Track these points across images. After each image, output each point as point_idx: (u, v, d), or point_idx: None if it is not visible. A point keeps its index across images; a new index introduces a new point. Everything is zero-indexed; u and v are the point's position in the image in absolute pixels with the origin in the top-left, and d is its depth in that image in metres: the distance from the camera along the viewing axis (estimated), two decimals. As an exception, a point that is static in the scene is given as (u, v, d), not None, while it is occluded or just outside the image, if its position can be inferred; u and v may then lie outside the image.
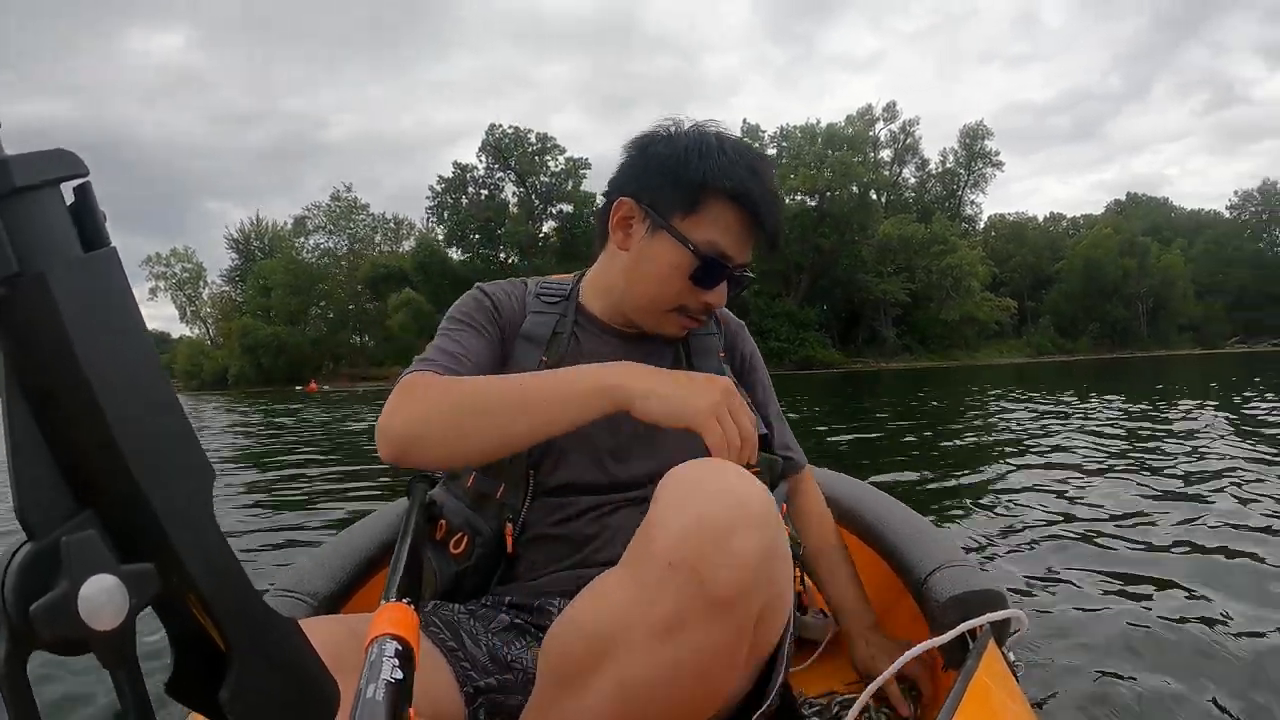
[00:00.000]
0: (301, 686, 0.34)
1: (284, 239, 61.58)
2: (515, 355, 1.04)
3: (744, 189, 0.97)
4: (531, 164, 51.23)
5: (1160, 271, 53.35)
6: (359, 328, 56.29)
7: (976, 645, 0.90)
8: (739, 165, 0.97)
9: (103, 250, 0.29)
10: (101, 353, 0.28)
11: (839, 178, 46.14)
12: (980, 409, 9.79)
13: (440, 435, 0.84)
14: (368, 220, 61.03)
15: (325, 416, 12.99)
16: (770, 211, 0.99)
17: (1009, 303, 50.44)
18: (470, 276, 48.19)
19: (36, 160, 0.28)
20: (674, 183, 0.98)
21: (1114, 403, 9.35)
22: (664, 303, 1.02)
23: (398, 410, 0.86)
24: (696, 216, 0.98)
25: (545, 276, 1.17)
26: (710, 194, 0.97)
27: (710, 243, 0.98)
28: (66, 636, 0.27)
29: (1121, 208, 68.90)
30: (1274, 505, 3.19)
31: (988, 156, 54.59)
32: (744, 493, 0.67)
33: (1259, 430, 5.78)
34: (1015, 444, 5.79)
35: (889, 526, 1.29)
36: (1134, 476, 4.03)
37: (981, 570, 1.08)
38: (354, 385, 46.48)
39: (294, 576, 1.10)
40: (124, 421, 0.29)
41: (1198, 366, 23.92)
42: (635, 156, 1.04)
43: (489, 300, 1.07)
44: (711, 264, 0.98)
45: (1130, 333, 53.91)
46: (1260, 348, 50.00)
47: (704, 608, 0.64)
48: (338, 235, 59.83)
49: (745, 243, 1.01)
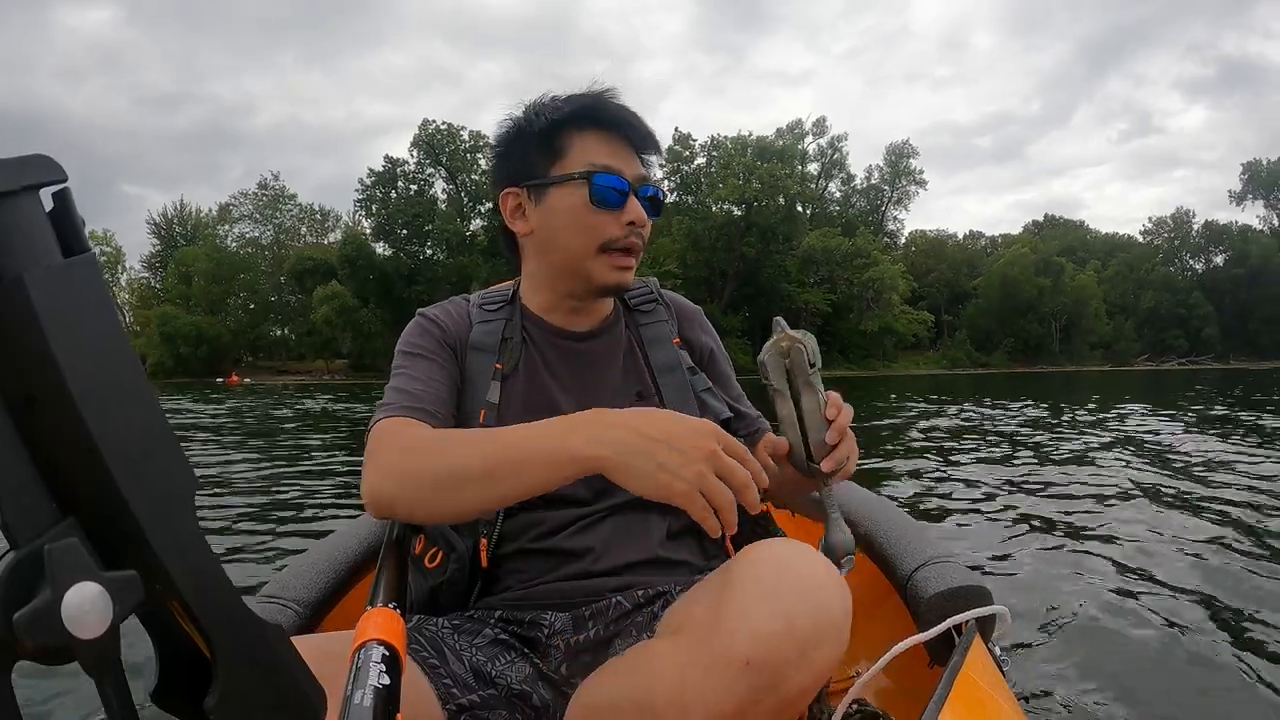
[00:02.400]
0: (287, 693, 0.34)
1: (208, 226, 60.06)
2: (469, 368, 1.03)
3: (588, 109, 0.97)
4: (463, 161, 50.92)
5: (1074, 291, 55.38)
6: (281, 320, 55.18)
7: (962, 641, 0.89)
8: (578, 98, 0.99)
9: (82, 255, 0.29)
10: (81, 358, 0.28)
11: (767, 189, 46.91)
12: (906, 415, 10.41)
13: (418, 503, 0.83)
14: (294, 211, 60.10)
15: (260, 412, 12.95)
16: (625, 115, 0.99)
17: (927, 316, 51.93)
18: (396, 272, 48.30)
19: (15, 165, 0.28)
20: (531, 146, 0.99)
21: (1044, 406, 10.40)
22: (584, 247, 0.98)
23: (372, 472, 0.85)
24: (566, 158, 0.97)
25: (486, 289, 1.15)
26: (564, 132, 0.98)
27: (590, 164, 0.96)
28: (50, 645, 0.27)
29: (1039, 228, 71.37)
30: (1243, 499, 3.55)
31: (912, 175, 56.42)
32: (829, 598, 0.67)
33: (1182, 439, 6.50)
34: (946, 448, 6.27)
35: (874, 524, 1.27)
36: (1083, 476, 4.52)
37: (966, 567, 1.07)
38: (276, 378, 45.65)
39: (279, 582, 1.10)
40: (105, 427, 0.28)
41: (1106, 381, 25.42)
42: (493, 155, 1.06)
43: (432, 324, 1.05)
44: (603, 179, 0.96)
45: (1043, 348, 55.80)
46: (1167, 366, 52.31)
47: (772, 704, 0.64)
48: (263, 225, 58.74)
49: (625, 157, 0.99)
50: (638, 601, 0.91)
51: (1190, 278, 63.18)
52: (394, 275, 48.61)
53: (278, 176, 62.02)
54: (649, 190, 1.00)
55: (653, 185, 1.01)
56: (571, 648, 0.89)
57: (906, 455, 5.94)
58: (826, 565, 0.70)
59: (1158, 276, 61.70)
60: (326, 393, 23.31)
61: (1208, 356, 56.43)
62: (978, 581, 1.01)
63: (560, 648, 0.89)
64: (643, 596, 0.92)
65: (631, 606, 0.91)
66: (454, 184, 51.42)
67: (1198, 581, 2.41)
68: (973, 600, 0.97)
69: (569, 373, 1.04)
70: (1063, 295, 55.11)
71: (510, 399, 1.00)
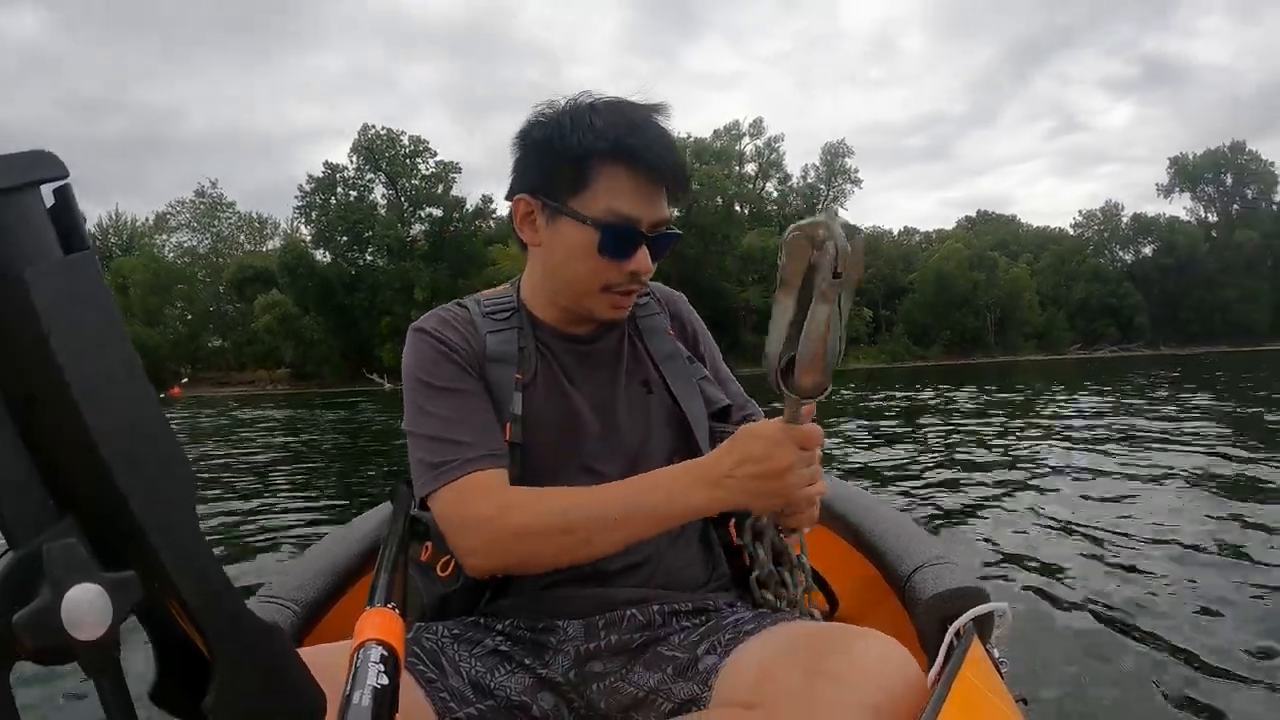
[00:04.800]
0: (286, 693, 0.34)
1: (144, 236, 59.07)
2: (490, 380, 1.00)
3: (624, 146, 0.92)
4: (402, 167, 50.77)
5: (1008, 283, 56.96)
6: (220, 330, 54.53)
7: (961, 642, 0.90)
8: (615, 123, 0.93)
9: (82, 253, 0.29)
10: (81, 356, 0.28)
11: (705, 190, 47.64)
12: (857, 405, 10.87)
13: (536, 563, 0.88)
14: (233, 219, 59.34)
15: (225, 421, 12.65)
16: (661, 157, 0.93)
17: (865, 312, 53.08)
18: (338, 279, 48.04)
19: (16, 162, 0.28)
20: (556, 164, 0.94)
21: (996, 396, 11.04)
22: (585, 286, 0.97)
23: (469, 536, 0.88)
24: (589, 190, 0.93)
25: (480, 293, 1.13)
26: (593, 162, 0.92)
27: (609, 210, 0.92)
28: (49, 646, 0.26)
29: (972, 223, 72.88)
30: (1234, 502, 3.57)
31: (848, 174, 57.54)
32: (911, 696, 0.72)
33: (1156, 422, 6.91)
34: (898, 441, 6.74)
35: (872, 526, 1.28)
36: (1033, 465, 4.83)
37: (965, 568, 1.08)
38: (218, 389, 45.15)
39: (278, 582, 1.09)
40: (104, 425, 0.28)
41: (1041, 370, 25.99)
42: (519, 150, 1.00)
43: (444, 346, 1.00)
44: (617, 232, 0.93)
45: (979, 340, 57.29)
46: (1100, 354, 54.04)
47: None
48: (201, 233, 57.91)
49: (650, 199, 0.94)
50: (651, 617, 0.93)
51: (1120, 268, 65.17)
52: (335, 282, 48.36)
53: (215, 184, 60.97)
54: (664, 235, 0.97)
55: (670, 227, 0.98)
56: (581, 655, 0.90)
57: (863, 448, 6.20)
58: (908, 659, 0.75)
59: (1088, 268, 63.59)
60: (287, 406, 22.83)
61: (1139, 344, 58.27)
62: (976, 582, 1.01)
63: (570, 654, 0.90)
64: (657, 612, 0.93)
65: (645, 620, 0.93)
66: (394, 189, 51.23)
67: (1194, 574, 2.43)
68: (971, 601, 0.97)
69: (582, 375, 1.04)
70: (996, 288, 56.62)
71: (533, 410, 0.99)
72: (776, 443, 0.81)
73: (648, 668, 0.89)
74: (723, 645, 0.85)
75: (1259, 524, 3.10)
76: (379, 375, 43.39)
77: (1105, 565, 2.63)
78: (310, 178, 50.82)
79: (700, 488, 0.84)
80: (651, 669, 0.88)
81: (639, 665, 0.89)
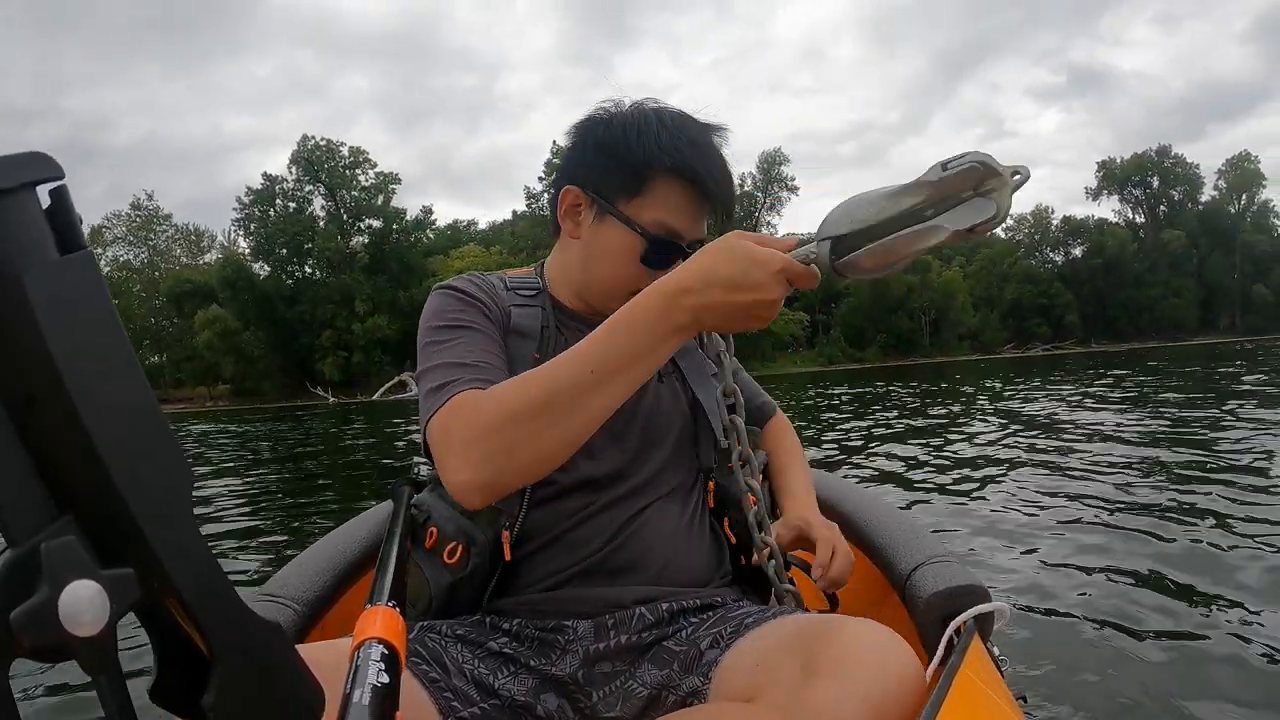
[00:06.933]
0: (285, 692, 0.34)
1: (79, 250, 57.74)
2: (510, 350, 0.99)
3: (686, 164, 0.95)
4: (342, 178, 50.59)
5: (941, 286, 58.63)
6: (157, 346, 53.81)
7: (961, 640, 0.89)
8: (680, 140, 0.95)
9: (79, 253, 0.29)
10: (78, 356, 0.28)
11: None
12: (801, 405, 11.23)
13: (523, 453, 0.78)
14: (169, 231, 58.49)
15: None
16: (718, 183, 0.97)
17: (802, 316, 54.28)
18: (278, 293, 47.63)
19: (12, 162, 0.28)
20: (616, 166, 0.96)
21: (938, 391, 11.58)
22: (621, 287, 0.97)
23: (459, 450, 0.80)
24: (642, 198, 0.96)
25: (503, 271, 1.12)
26: (653, 173, 0.95)
27: (658, 222, 0.96)
28: (47, 643, 0.27)
29: (907, 228, 74.51)
30: (1232, 490, 3.59)
31: (784, 181, 58.73)
32: (911, 688, 0.72)
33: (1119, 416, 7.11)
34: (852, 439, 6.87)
35: (872, 523, 1.28)
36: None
37: (965, 566, 1.07)
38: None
39: (278, 581, 1.09)
40: (102, 425, 0.29)
41: (974, 369, 26.47)
42: (577, 143, 1.02)
43: (471, 297, 1.00)
44: (662, 244, 0.96)
45: (915, 342, 58.89)
46: (1032, 352, 55.91)
47: None
48: (137, 246, 56.98)
49: (696, 218, 0.98)
50: (660, 615, 0.93)
51: (1051, 269, 67.13)
52: (275, 296, 48.04)
53: (151, 196, 60.13)
54: (696, 246, 0.98)
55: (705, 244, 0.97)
56: (590, 655, 0.90)
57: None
58: (906, 650, 0.74)
59: (1020, 269, 65.53)
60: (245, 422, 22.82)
61: (1070, 341, 60.23)
62: (976, 580, 1.00)
63: (579, 654, 0.90)
64: (666, 610, 0.93)
65: (654, 619, 0.92)
66: (334, 200, 51.04)
67: (1194, 573, 2.42)
68: (972, 599, 0.97)
69: None
70: (930, 291, 58.23)
71: None
72: (775, 280, 0.75)
73: (655, 664, 0.89)
74: (725, 638, 0.86)
75: (1262, 518, 3.12)
76: (323, 389, 43.35)
77: (1104, 564, 2.60)
78: (249, 190, 50.50)
79: (679, 314, 0.77)
80: (658, 665, 0.89)
81: (646, 662, 0.90)
